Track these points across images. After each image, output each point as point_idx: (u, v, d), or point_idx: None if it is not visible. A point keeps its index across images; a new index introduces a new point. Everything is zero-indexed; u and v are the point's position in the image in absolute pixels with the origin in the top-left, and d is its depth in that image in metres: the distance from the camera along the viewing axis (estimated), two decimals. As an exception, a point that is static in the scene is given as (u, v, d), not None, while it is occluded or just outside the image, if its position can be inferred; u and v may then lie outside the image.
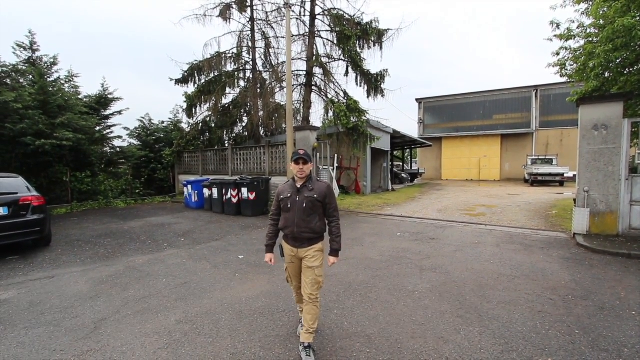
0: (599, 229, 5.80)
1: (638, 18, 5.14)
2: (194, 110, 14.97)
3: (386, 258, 5.16)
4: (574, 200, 6.18)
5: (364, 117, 12.29)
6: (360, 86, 13.80)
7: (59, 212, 10.52)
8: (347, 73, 13.75)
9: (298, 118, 14.53)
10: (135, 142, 16.04)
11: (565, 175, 18.21)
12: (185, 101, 14.72)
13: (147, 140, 16.03)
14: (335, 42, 13.51)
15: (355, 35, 12.74)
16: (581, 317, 3.15)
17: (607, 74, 6.26)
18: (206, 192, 10.78)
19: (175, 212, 10.47)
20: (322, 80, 14.04)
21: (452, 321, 3.13)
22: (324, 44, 13.98)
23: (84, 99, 13.26)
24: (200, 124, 15.56)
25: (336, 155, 13.76)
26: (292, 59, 11.28)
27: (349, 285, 4.05)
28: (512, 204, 11.10)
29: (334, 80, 13.56)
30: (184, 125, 16.45)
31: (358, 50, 13.25)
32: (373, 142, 12.64)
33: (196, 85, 14.68)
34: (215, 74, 14.62)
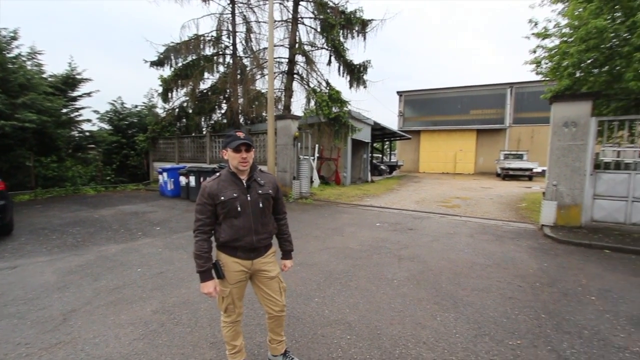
0: (564, 221, 6.15)
1: (610, 20, 5.40)
2: (170, 94, 14.37)
3: (366, 247, 5.24)
4: (543, 193, 6.51)
5: (345, 108, 12.29)
6: (343, 76, 13.73)
7: (21, 198, 9.88)
8: (329, 62, 13.61)
9: (279, 107, 14.30)
10: (106, 126, 15.24)
11: (534, 170, 19.12)
12: (160, 85, 14.09)
13: (119, 124, 15.26)
14: (319, 30, 13.31)
15: (339, 23, 12.59)
16: (547, 302, 3.35)
17: (578, 74, 6.58)
18: (183, 180, 10.46)
19: (150, 200, 10.11)
20: (304, 68, 13.85)
21: (429, 308, 3.23)
22: (307, 32, 13.77)
23: (49, 79, 12.37)
24: (177, 110, 14.98)
25: (317, 145, 13.70)
26: (274, 46, 11.01)
27: (329, 274, 4.08)
28: (485, 197, 11.55)
29: (316, 69, 13.41)
30: (159, 110, 15.80)
31: (341, 39, 13.13)
32: (354, 133, 12.68)
33: (172, 69, 14.07)
34: (193, 57, 14.06)
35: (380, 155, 29.05)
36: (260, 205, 2.04)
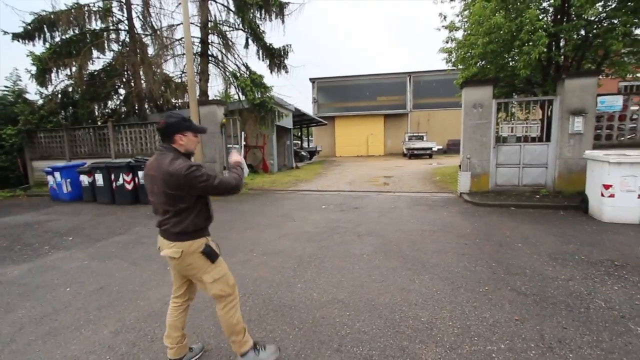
0: (477, 188, 7.32)
1: (504, 17, 6.49)
2: (48, 76, 11.59)
3: (323, 229, 5.30)
4: (460, 166, 7.59)
5: (268, 93, 11.91)
6: (263, 60, 13.21)
7: None
8: (247, 45, 12.90)
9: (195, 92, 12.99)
10: (-50, 117, 11.50)
11: (433, 149, 22.09)
12: (33, 64, 11.22)
13: (-29, 115, 11.69)
14: (234, 9, 12.44)
15: (255, 3, 11.97)
16: (491, 253, 3.97)
17: (483, 63, 7.79)
18: (84, 179, 8.70)
19: (40, 208, 8.15)
20: (219, 50, 12.86)
21: (404, 274, 3.48)
22: (219, 10, 12.72)
23: None
24: (60, 95, 12.24)
25: (242, 132, 13.02)
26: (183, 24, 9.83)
27: (300, 259, 4.01)
28: (403, 174, 12.86)
29: (233, 51, 12.58)
30: (34, 97, 12.65)
31: (259, 21, 12.57)
32: (281, 119, 12.50)
33: (48, 44, 11.34)
34: (76, 31, 11.60)
35: (299, 142, 29.36)
36: None
